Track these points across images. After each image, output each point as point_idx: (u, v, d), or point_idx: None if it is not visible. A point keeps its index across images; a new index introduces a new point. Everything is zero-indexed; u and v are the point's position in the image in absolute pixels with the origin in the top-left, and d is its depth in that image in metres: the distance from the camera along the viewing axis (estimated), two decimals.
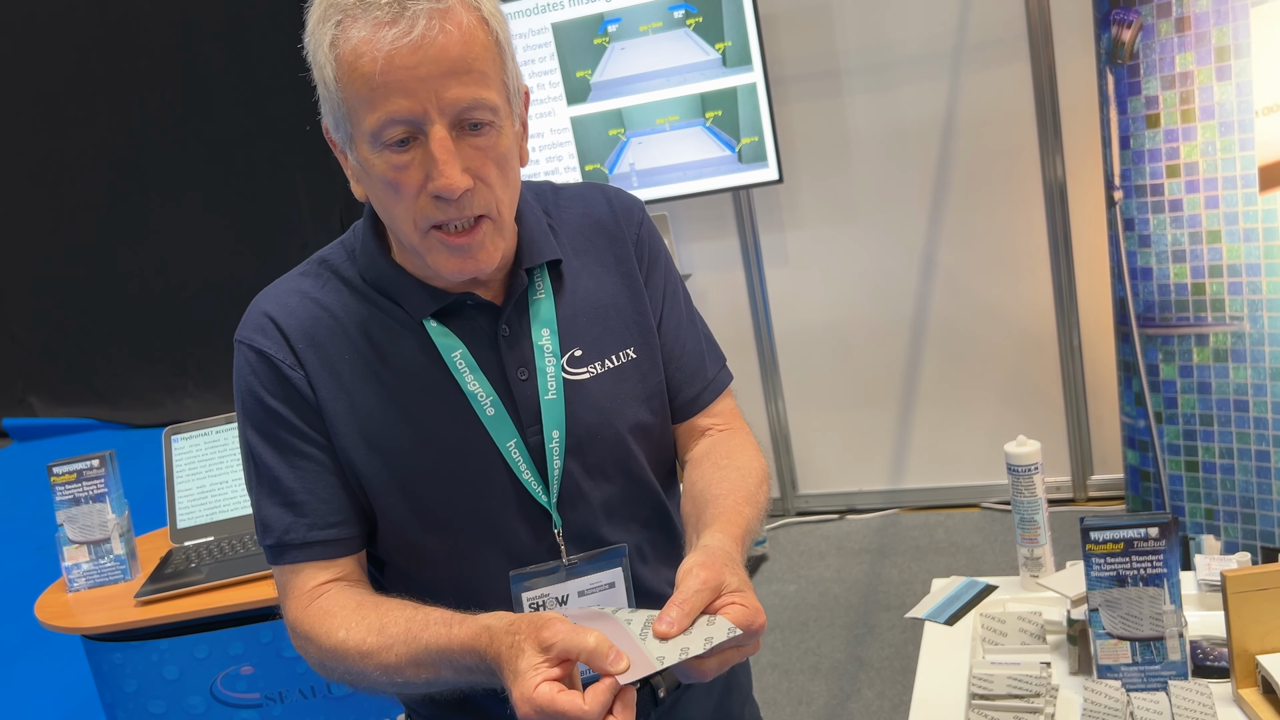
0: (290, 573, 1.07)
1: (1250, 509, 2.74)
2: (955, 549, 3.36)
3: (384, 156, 0.97)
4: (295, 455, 1.05)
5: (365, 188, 1.03)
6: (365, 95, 0.95)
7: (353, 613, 1.02)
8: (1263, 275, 2.59)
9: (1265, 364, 2.64)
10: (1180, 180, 2.67)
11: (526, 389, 1.08)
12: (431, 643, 0.95)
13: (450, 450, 1.06)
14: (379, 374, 1.06)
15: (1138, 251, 2.80)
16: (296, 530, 1.05)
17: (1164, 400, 2.83)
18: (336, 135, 1.02)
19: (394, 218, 1.01)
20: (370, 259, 1.08)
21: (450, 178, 0.96)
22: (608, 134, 3.41)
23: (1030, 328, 3.50)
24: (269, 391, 1.05)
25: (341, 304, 1.07)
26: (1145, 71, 2.67)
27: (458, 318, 1.08)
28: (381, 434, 1.05)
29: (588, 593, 1.05)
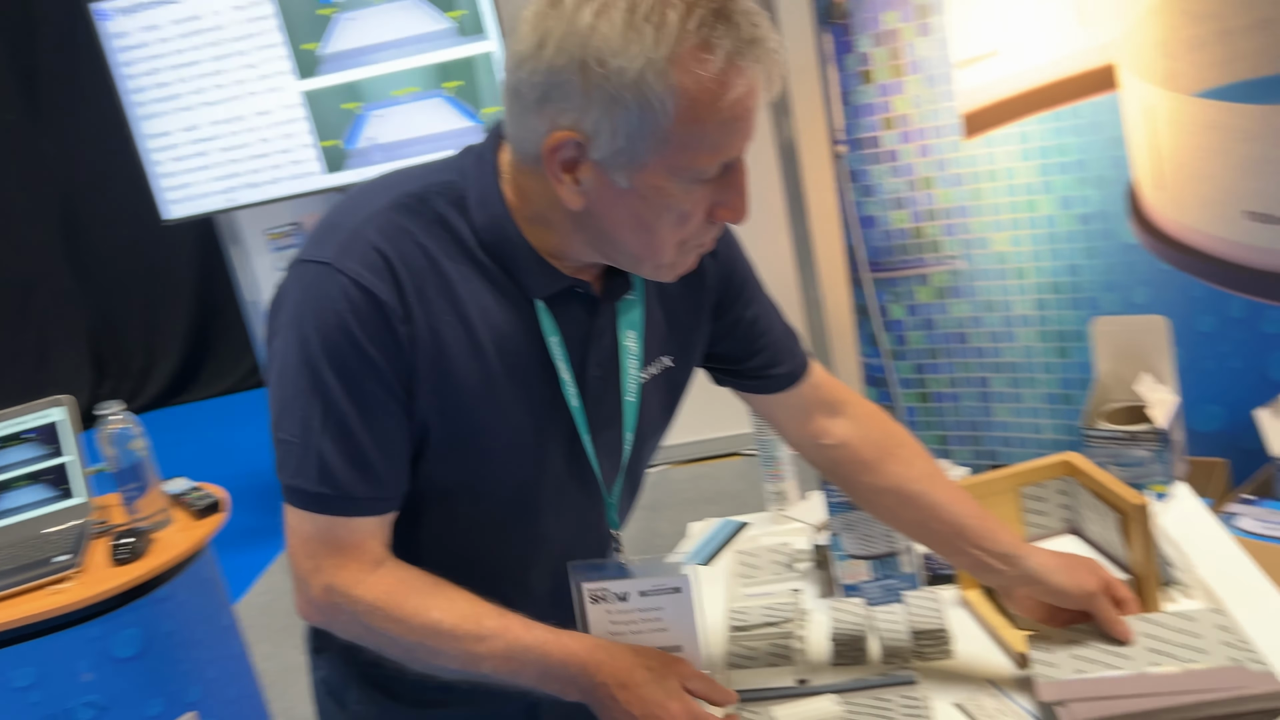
0: (344, 528, 1.00)
1: (976, 432, 2.99)
2: (721, 496, 3.50)
3: (690, 190, 0.94)
4: (376, 411, 0.98)
5: (610, 207, 0.95)
6: (714, 138, 0.91)
7: (438, 593, 1.01)
8: (972, 216, 2.82)
9: (980, 298, 2.88)
10: (895, 132, 2.86)
11: (597, 388, 1.08)
12: (535, 645, 0.99)
13: (540, 432, 1.05)
14: (479, 344, 1.00)
15: (862, 201, 2.98)
16: (363, 485, 0.99)
17: (895, 339, 3.04)
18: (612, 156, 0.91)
19: (659, 240, 0.97)
20: (495, 221, 1.00)
21: (746, 210, 0.97)
22: (342, 108, 3.30)
23: (774, 280, 3.64)
24: (368, 337, 0.95)
25: (449, 258, 0.99)
26: (857, 30, 2.84)
27: (562, 303, 1.04)
28: (462, 400, 1.00)
29: (649, 594, 1.08)
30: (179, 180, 3.46)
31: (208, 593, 1.93)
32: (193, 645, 1.85)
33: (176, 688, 1.84)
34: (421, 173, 1.03)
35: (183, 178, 3.46)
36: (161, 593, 1.81)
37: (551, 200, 0.97)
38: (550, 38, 0.89)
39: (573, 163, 0.93)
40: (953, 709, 1.14)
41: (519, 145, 0.97)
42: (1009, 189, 2.76)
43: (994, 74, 2.68)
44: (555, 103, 0.90)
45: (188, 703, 1.83)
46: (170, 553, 1.81)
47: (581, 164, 0.93)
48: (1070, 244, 2.71)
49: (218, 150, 3.41)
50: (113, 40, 3.36)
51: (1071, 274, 2.74)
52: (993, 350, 2.91)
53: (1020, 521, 1.32)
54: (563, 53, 0.88)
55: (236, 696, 1.94)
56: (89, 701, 1.76)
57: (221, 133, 3.39)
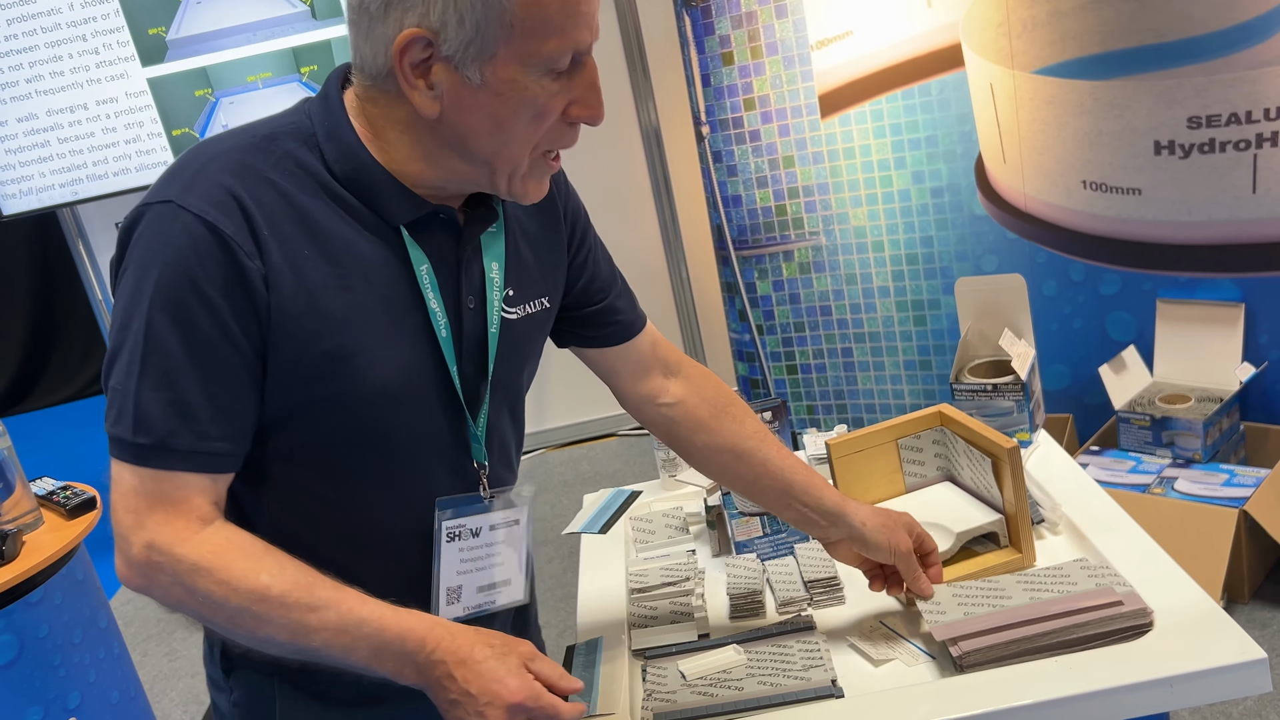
0: (168, 482, 0.94)
1: (842, 400, 3.11)
2: (599, 476, 3.53)
3: (542, 83, 0.94)
4: (209, 354, 0.92)
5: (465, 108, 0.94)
6: (557, 21, 0.92)
7: (268, 557, 0.95)
8: (831, 193, 2.92)
9: (841, 271, 2.99)
10: (756, 112, 2.94)
11: (472, 318, 1.06)
12: (370, 619, 0.94)
13: (409, 367, 1.02)
14: (343, 277, 0.97)
15: (727, 181, 3.05)
16: (183, 436, 0.93)
17: (763, 314, 3.13)
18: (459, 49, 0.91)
19: (514, 141, 0.97)
20: (346, 151, 0.98)
21: (602, 108, 0.98)
22: (194, 95, 3.18)
23: (643, 261, 3.72)
24: (210, 278, 0.91)
25: (303, 193, 0.96)
26: (716, 12, 2.90)
27: (425, 231, 1.02)
28: (342, 341, 0.97)
29: (498, 527, 1.09)
30: (17, 174, 3.28)
31: (84, 594, 1.85)
32: (70, 649, 1.77)
33: (55, 694, 1.75)
34: (270, 119, 1.01)
35: (20, 170, 3.28)
36: (35, 596, 1.73)
37: (406, 121, 0.97)
38: None
39: (424, 65, 0.93)
40: (848, 650, 1.20)
41: (369, 65, 0.96)
42: (865, 165, 2.87)
43: (848, 55, 2.78)
44: (400, 3, 0.91)
45: (68, 709, 1.75)
46: (42, 554, 1.73)
47: (433, 65, 0.93)
48: (923, 217, 2.85)
49: (58, 141, 3.24)
50: None
51: (925, 245, 2.87)
52: (854, 321, 3.03)
53: (900, 472, 1.39)
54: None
55: (119, 700, 1.87)
56: None
57: (62, 122, 3.23)
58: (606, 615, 1.36)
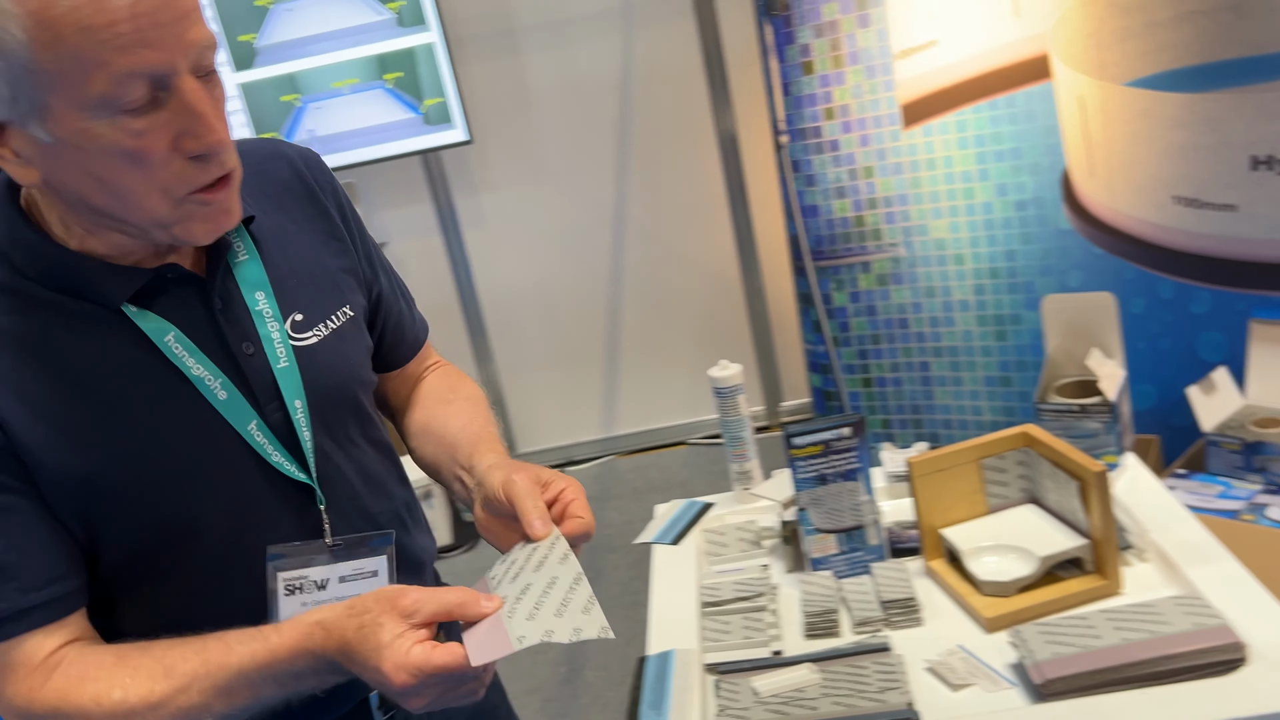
0: (9, 649, 0.89)
1: (918, 415, 3.06)
2: (668, 485, 3.52)
3: (119, 124, 0.82)
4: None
5: (58, 168, 0.85)
6: (89, 54, 0.79)
7: (118, 668, 0.89)
8: (911, 204, 2.88)
9: (920, 284, 2.94)
10: (836, 122, 2.91)
11: (255, 363, 0.98)
12: (245, 664, 0.87)
13: (186, 448, 0.93)
14: (78, 383, 0.89)
15: (805, 190, 3.03)
16: (7, 599, 0.88)
17: (838, 325, 3.10)
18: (11, 110, 0.82)
19: (130, 192, 0.85)
20: (31, 250, 0.90)
21: (219, 132, 0.85)
22: (280, 100, 3.25)
23: (716, 271, 3.71)
24: None
25: (6, 314, 0.89)
26: (798, 22, 2.88)
27: (159, 296, 0.94)
28: (101, 451, 0.90)
29: (349, 579, 1.00)
30: None
31: None
32: None
33: None
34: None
35: None
36: None
37: (50, 195, 0.89)
38: None
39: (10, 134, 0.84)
40: (924, 672, 1.18)
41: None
42: (947, 177, 2.83)
43: (932, 64, 2.74)
44: None
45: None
46: None
47: (5, 132, 0.84)
48: (1007, 230, 2.79)
49: None
50: None
51: (1008, 259, 2.81)
52: (933, 335, 2.98)
53: (982, 492, 1.37)
54: None
55: None
56: None
57: None
58: (677, 627, 1.35)
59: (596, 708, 2.61)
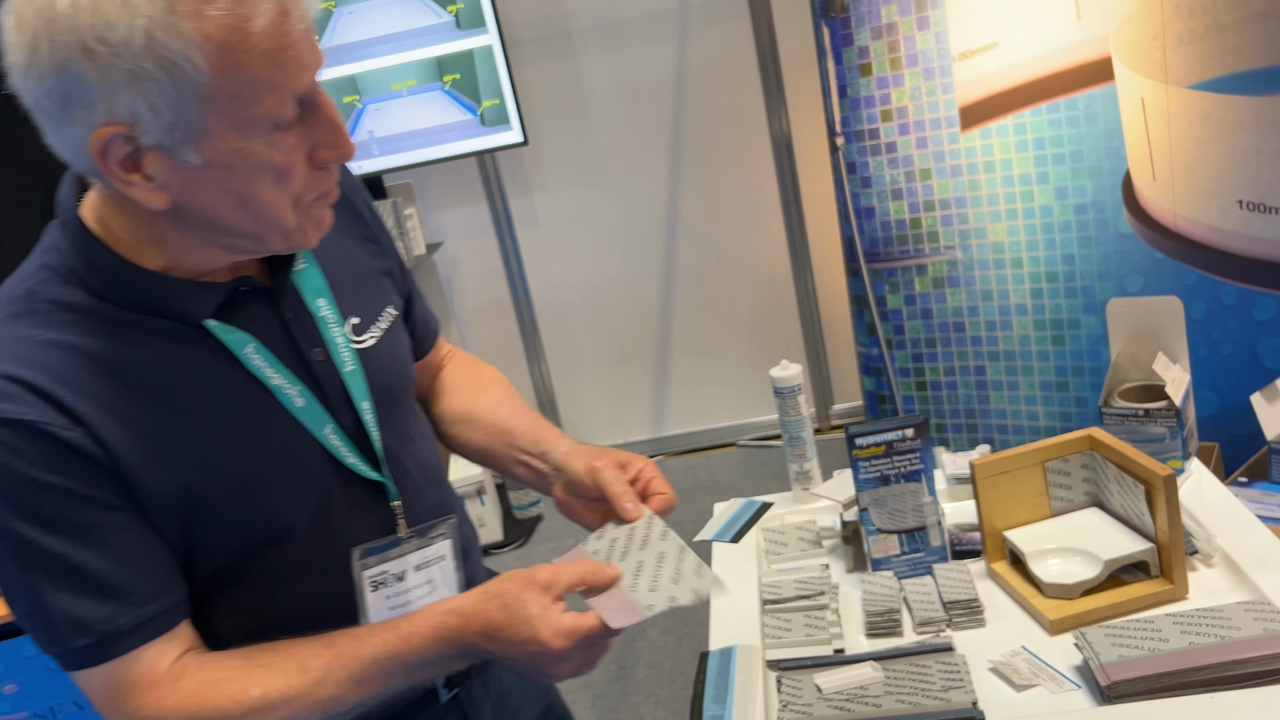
0: (126, 665, 0.91)
1: (973, 419, 3.04)
2: (718, 486, 3.53)
3: (271, 141, 0.84)
4: (93, 530, 0.88)
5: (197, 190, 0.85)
6: (264, 77, 0.81)
7: (249, 667, 0.93)
8: (969, 207, 2.87)
9: (976, 287, 2.93)
10: (894, 124, 2.91)
11: (325, 368, 1.00)
12: (378, 654, 0.93)
13: (272, 456, 0.96)
14: (166, 399, 0.91)
15: (860, 193, 3.02)
16: (124, 614, 0.89)
17: (893, 328, 3.09)
18: (163, 136, 0.81)
19: (268, 206, 0.87)
20: (109, 273, 0.91)
21: (350, 142, 0.89)
22: (342, 101, 3.31)
23: (769, 272, 3.71)
24: (39, 466, 0.85)
25: (87, 337, 0.89)
26: (856, 24, 2.88)
27: (234, 310, 0.95)
28: (195, 465, 0.92)
29: (423, 566, 1.05)
30: None
31: None
32: None
33: None
34: (18, 275, 0.94)
35: None
36: None
37: (146, 217, 0.88)
38: (39, 36, 0.79)
39: (132, 159, 0.83)
40: (988, 673, 1.18)
41: (77, 165, 0.87)
42: (1005, 180, 2.81)
43: (991, 66, 2.73)
44: (78, 102, 0.80)
45: None
46: None
47: (143, 157, 0.83)
48: (1065, 234, 2.77)
49: None
50: None
51: (1067, 263, 2.79)
52: (989, 339, 2.96)
53: (1046, 495, 1.36)
54: (58, 46, 0.78)
55: None
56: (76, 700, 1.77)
57: None
58: (738, 624, 1.37)
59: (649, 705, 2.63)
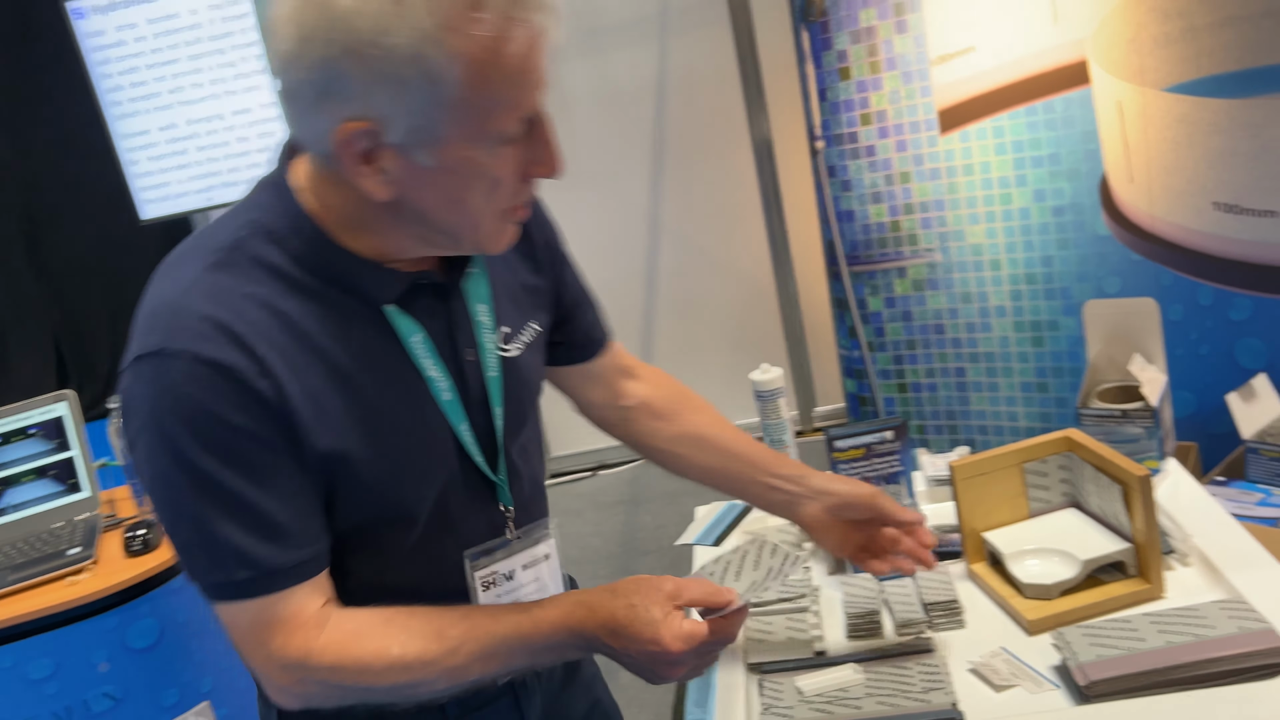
0: (278, 603, 0.95)
1: (954, 420, 3.06)
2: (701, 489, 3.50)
3: (496, 153, 0.90)
4: (268, 474, 0.93)
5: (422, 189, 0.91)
6: (506, 95, 0.88)
7: (389, 627, 0.97)
8: (948, 210, 2.89)
9: (956, 289, 2.95)
10: (873, 127, 2.92)
11: (473, 370, 1.06)
12: (509, 633, 0.97)
13: (416, 441, 1.02)
14: (340, 370, 0.96)
15: (841, 196, 3.04)
16: (284, 554, 0.94)
17: (874, 331, 3.10)
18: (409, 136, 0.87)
19: (476, 212, 0.93)
20: (312, 244, 0.96)
21: (561, 163, 0.95)
22: None
23: (751, 275, 3.72)
24: (232, 406, 0.90)
25: (281, 298, 0.94)
26: (835, 28, 2.89)
27: (410, 301, 1.01)
28: (353, 435, 0.97)
29: (529, 566, 1.12)
30: (156, 180, 3.45)
31: None
32: (206, 635, 1.86)
33: (191, 677, 1.84)
34: (226, 221, 0.99)
35: (160, 177, 3.44)
36: (176, 583, 1.82)
37: (359, 200, 0.93)
38: (314, 30, 0.84)
39: (370, 152, 0.89)
40: (968, 673, 1.19)
41: (312, 147, 0.93)
42: (984, 182, 2.83)
43: (969, 70, 2.75)
44: (335, 95, 0.86)
45: (202, 692, 1.84)
46: None
47: (380, 152, 0.89)
48: (1044, 236, 2.79)
49: (195, 149, 3.40)
50: (88, 39, 3.34)
51: (1045, 265, 2.81)
52: (969, 340, 2.98)
53: (1024, 496, 1.38)
54: (331, 43, 0.84)
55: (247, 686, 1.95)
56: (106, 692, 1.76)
57: (199, 131, 3.38)
58: None
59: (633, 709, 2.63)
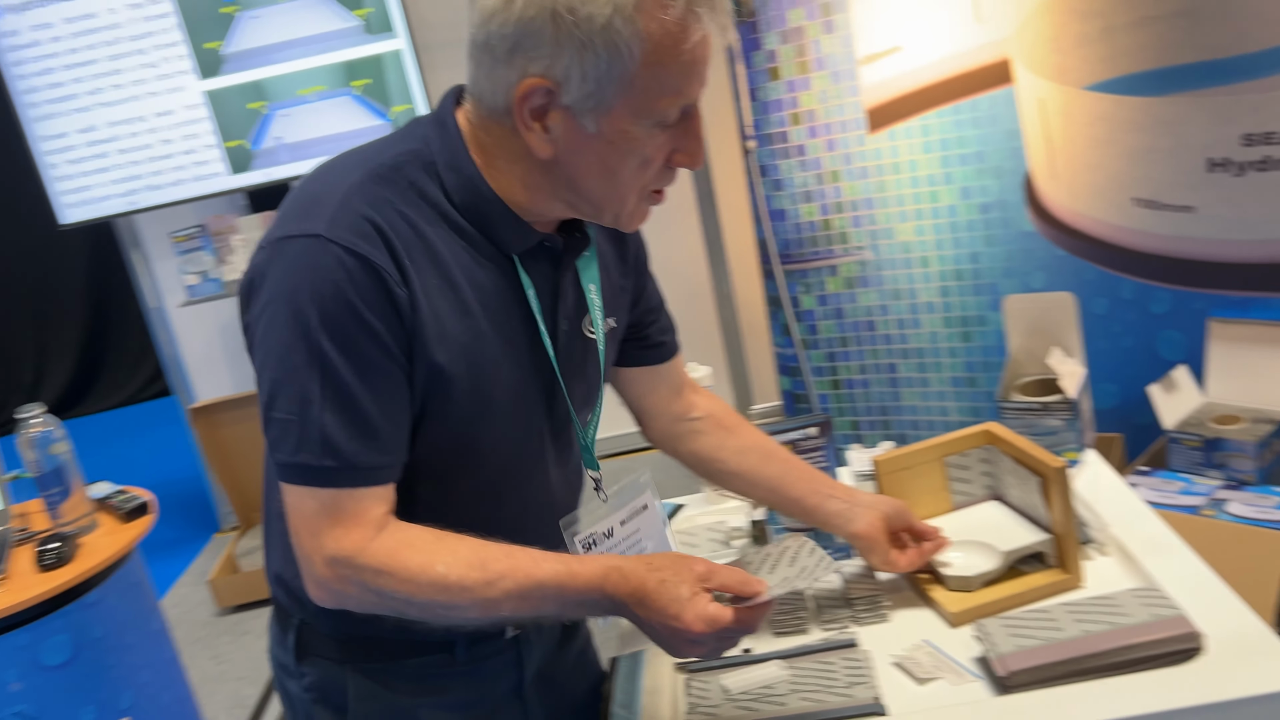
0: (349, 498, 0.99)
1: (887, 416, 3.09)
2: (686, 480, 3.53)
3: (651, 133, 0.98)
4: (379, 375, 0.98)
5: (580, 152, 0.99)
6: (675, 80, 0.96)
7: (439, 546, 1.00)
8: (877, 208, 2.91)
9: (887, 286, 2.98)
10: (803, 127, 2.94)
11: (566, 339, 1.12)
12: (546, 579, 1.00)
13: (519, 387, 1.08)
14: (464, 304, 1.02)
15: (772, 195, 3.05)
16: (369, 454, 0.99)
17: (807, 328, 3.13)
18: (579, 100, 0.95)
19: (621, 184, 1.01)
20: (467, 183, 1.02)
21: (703, 155, 1.03)
22: (247, 107, 3.24)
23: (687, 275, 3.73)
24: (366, 303, 0.96)
25: (426, 223, 1.01)
26: (764, 27, 2.91)
27: (531, 259, 1.07)
28: (464, 359, 1.02)
29: (628, 520, 1.16)
30: (76, 183, 3.36)
31: (138, 596, 1.88)
32: (124, 650, 1.81)
33: (108, 694, 1.79)
34: (387, 144, 1.05)
35: (80, 180, 3.35)
36: (90, 598, 1.77)
37: (517, 153, 1.01)
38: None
39: (542, 110, 0.97)
40: (891, 667, 1.20)
41: (487, 99, 1.00)
42: (912, 180, 2.86)
43: (896, 69, 2.78)
44: (526, 52, 0.94)
45: (120, 709, 1.79)
46: (98, 557, 1.77)
47: (551, 111, 0.97)
48: (971, 233, 2.83)
49: (117, 152, 3.32)
50: (2, 39, 3.24)
51: (973, 261, 2.85)
52: (900, 337, 3.01)
53: (946, 489, 1.39)
54: (533, 4, 0.93)
55: (169, 702, 1.91)
56: (18, 711, 1.71)
57: (120, 134, 3.30)
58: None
59: None
